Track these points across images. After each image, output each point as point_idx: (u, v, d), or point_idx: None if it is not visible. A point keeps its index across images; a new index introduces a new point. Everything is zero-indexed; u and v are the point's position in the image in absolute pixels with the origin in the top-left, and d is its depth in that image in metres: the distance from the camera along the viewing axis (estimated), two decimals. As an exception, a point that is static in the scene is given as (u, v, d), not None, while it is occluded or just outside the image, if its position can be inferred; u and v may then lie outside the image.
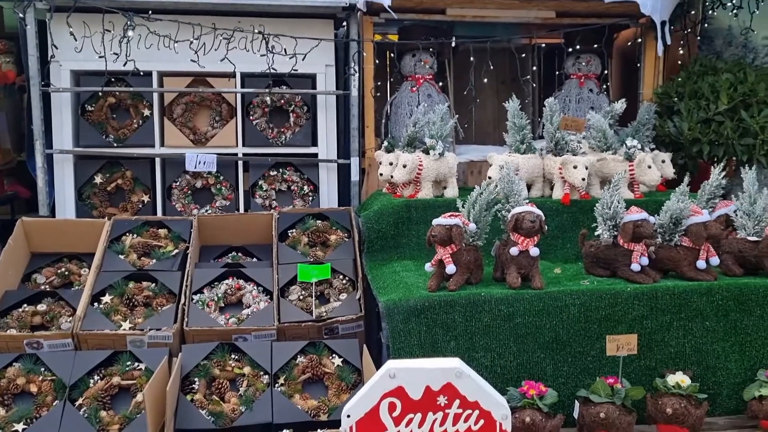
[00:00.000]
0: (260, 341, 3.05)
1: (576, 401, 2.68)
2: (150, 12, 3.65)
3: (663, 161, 3.77)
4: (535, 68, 4.33)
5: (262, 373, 2.90)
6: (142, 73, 3.80)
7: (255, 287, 3.34)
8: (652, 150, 3.89)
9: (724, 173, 3.23)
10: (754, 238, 3.02)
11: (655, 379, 2.73)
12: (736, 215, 3.14)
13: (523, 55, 4.24)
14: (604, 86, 4.39)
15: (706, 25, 5.39)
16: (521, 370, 2.79)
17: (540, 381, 2.67)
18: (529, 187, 3.65)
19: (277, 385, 2.85)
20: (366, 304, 3.19)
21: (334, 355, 2.98)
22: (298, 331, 3.11)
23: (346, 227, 3.67)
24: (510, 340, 2.78)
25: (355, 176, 4.00)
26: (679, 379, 2.67)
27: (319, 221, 3.72)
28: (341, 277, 3.40)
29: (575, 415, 2.67)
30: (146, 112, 4.01)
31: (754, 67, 3.98)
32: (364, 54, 3.91)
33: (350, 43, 3.94)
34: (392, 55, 4.20)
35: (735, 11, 4.48)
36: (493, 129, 4.61)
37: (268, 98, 3.93)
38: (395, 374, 2.06)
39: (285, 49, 3.73)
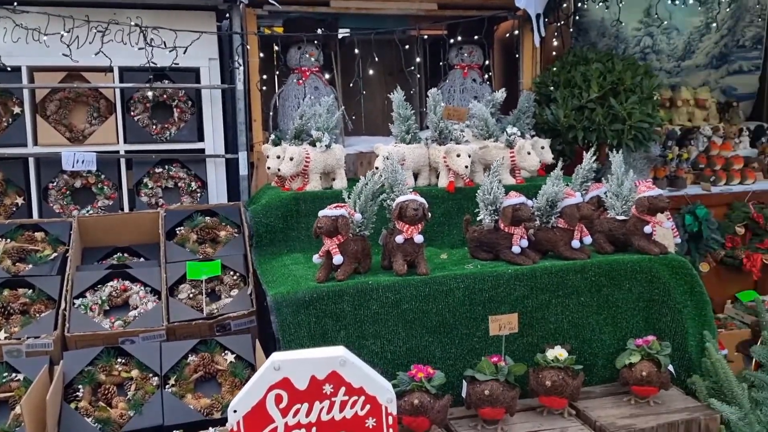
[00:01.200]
0: (149, 343, 2.98)
1: (464, 381, 2.78)
2: (15, 3, 3.46)
3: (542, 147, 3.95)
4: (419, 60, 4.41)
5: (151, 375, 2.83)
6: (9, 69, 3.60)
7: (142, 288, 3.25)
8: (532, 137, 4.06)
9: (595, 157, 3.42)
10: (622, 217, 3.23)
11: (536, 354, 2.87)
12: (606, 196, 3.34)
13: (407, 47, 4.31)
14: (487, 76, 4.53)
15: (579, 17, 5.70)
16: (410, 354, 2.86)
17: (429, 364, 2.74)
18: (416, 176, 3.74)
19: (167, 386, 2.80)
20: (258, 298, 3.18)
21: (226, 351, 2.96)
22: (189, 329, 3.06)
23: (236, 223, 3.63)
24: (399, 326, 2.85)
25: (243, 171, 3.95)
26: (557, 353, 2.82)
27: (208, 217, 3.66)
28: (232, 273, 3.37)
29: (463, 394, 2.77)
30: (16, 110, 3.79)
31: (623, 57, 4.22)
32: (248, 47, 3.87)
33: (233, 35, 3.88)
34: (277, 48, 4.17)
35: (604, 3, 4.74)
36: (382, 120, 4.65)
37: (149, 93, 3.81)
38: (280, 366, 2.07)
39: (165, 42, 3.63)
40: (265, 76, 4.09)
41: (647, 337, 2.95)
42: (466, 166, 3.50)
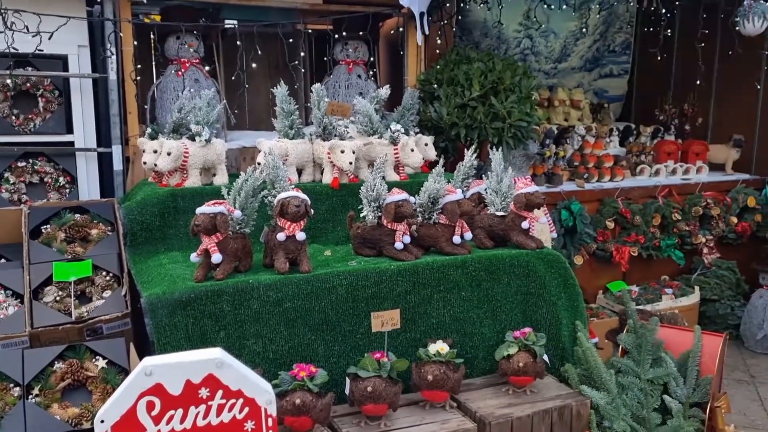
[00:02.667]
0: (9, 350, 2.76)
1: (347, 378, 2.77)
2: None
3: (426, 144, 4.01)
4: (303, 54, 4.35)
5: (12, 385, 2.63)
6: None
7: (2, 291, 3.01)
8: (416, 134, 4.11)
9: (476, 155, 3.50)
10: (501, 213, 3.32)
11: (419, 349, 2.90)
12: (486, 193, 3.42)
13: (291, 40, 4.24)
14: (372, 72, 4.54)
15: (463, 17, 5.83)
16: (293, 353, 2.81)
17: (312, 362, 2.71)
18: (300, 172, 3.68)
19: (30, 396, 2.60)
20: (134, 300, 3.02)
21: (97, 357, 2.79)
22: (56, 335, 2.86)
23: (110, 220, 3.44)
24: (281, 325, 2.79)
25: (117, 165, 3.75)
26: (439, 347, 2.86)
27: (78, 215, 3.44)
28: (104, 273, 3.18)
29: (347, 391, 2.76)
30: None
31: (503, 57, 4.34)
32: (121, 35, 3.66)
33: (105, 22, 3.66)
34: (153, 37, 3.98)
35: (486, 4, 4.86)
36: (268, 115, 4.57)
37: (9, 81, 3.53)
38: (152, 371, 1.97)
39: (27, 27, 3.37)
40: (140, 66, 3.88)
41: (524, 329, 3.06)
42: (350, 162, 3.48)
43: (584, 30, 6.58)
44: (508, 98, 4.09)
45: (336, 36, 4.37)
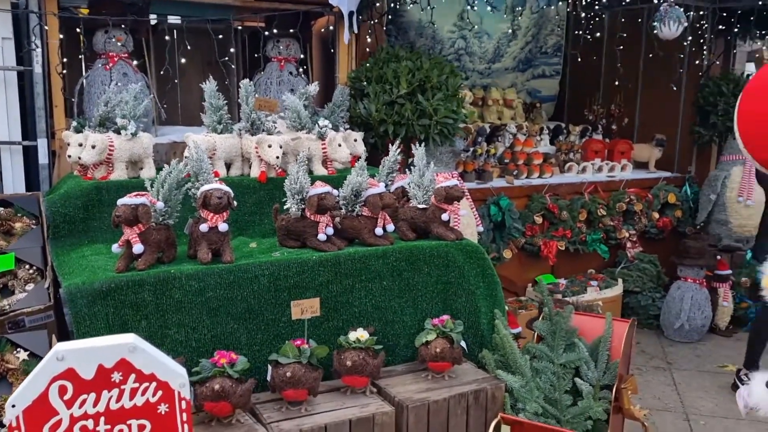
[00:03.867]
0: (-74, 343, 2.75)
1: (269, 365, 2.84)
2: None
3: (355, 140, 4.10)
4: (233, 50, 4.39)
5: (-74, 380, 2.62)
6: None
7: None
8: (346, 129, 4.20)
9: (399, 150, 3.62)
10: (423, 206, 3.44)
11: (339, 337, 3.00)
12: (410, 187, 3.54)
13: (222, 36, 4.27)
14: (303, 69, 4.61)
15: (399, 17, 5.96)
16: (216, 342, 2.87)
17: (235, 351, 2.77)
18: (229, 166, 3.73)
19: (-53, 390, 2.60)
20: (57, 292, 3.02)
21: (19, 349, 2.79)
22: (-25, 328, 2.85)
23: (34, 214, 3.42)
24: (203, 314, 2.85)
25: (43, 159, 3.73)
26: (359, 334, 2.96)
27: (2, 208, 3.41)
28: (28, 266, 3.17)
29: (269, 378, 2.83)
30: None
31: (431, 56, 4.47)
32: (46, 28, 3.65)
33: (30, 14, 3.64)
34: (78, 30, 3.97)
35: (417, 4, 4.99)
36: (201, 110, 4.59)
37: (-70, 73, 3.49)
38: (64, 356, 2.00)
39: (-52, 18, 3.34)
40: (68, 60, 3.87)
41: (442, 317, 3.18)
42: (277, 157, 3.55)
43: (516, 32, 6.79)
44: (434, 96, 4.21)
45: (267, 33, 4.42)
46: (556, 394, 3.26)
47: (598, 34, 6.76)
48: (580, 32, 6.88)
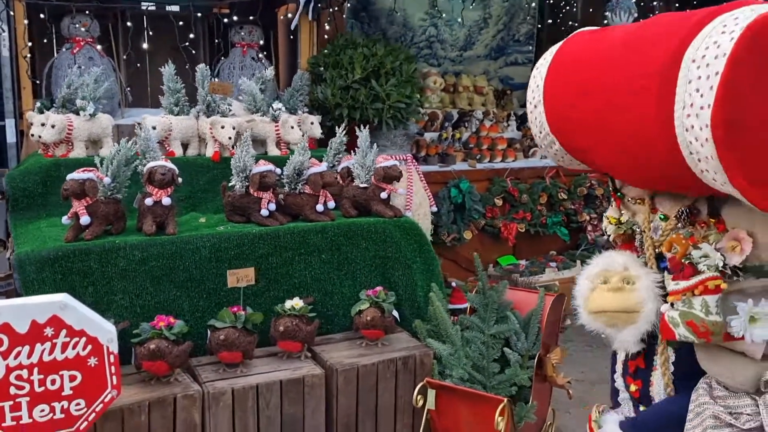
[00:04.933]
0: None
1: (208, 330, 3.07)
2: None
3: (312, 123, 4.31)
4: (192, 36, 4.58)
5: None
6: None
7: None
8: (305, 113, 4.40)
9: (345, 132, 3.83)
10: (364, 185, 3.65)
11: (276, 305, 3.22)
12: (354, 167, 3.74)
13: (181, 23, 4.47)
14: (262, 54, 4.79)
15: (370, 5, 6.13)
16: (159, 308, 3.08)
17: (178, 317, 3.00)
18: (186, 146, 3.94)
19: None
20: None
21: (-22, 314, 3.02)
22: (-61, 293, 3.09)
23: (1, 189, 3.66)
24: (147, 282, 3.07)
25: (11, 138, 3.96)
26: (294, 303, 3.17)
27: (-30, 184, 3.65)
28: (-9, 238, 3.41)
29: (207, 341, 3.06)
30: None
31: (386, 44, 4.66)
32: (12, 13, 3.86)
33: (-2, 1, 3.86)
34: (43, 16, 4.17)
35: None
36: (168, 93, 4.80)
37: None
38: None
39: None
40: (38, 43, 4.08)
41: (376, 289, 3.39)
42: (230, 138, 3.76)
43: (487, 20, 6.96)
44: (388, 81, 4.41)
45: (225, 20, 4.62)
46: (485, 362, 3.47)
47: (570, 23, 6.92)
48: (552, 21, 7.07)
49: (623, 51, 1.96)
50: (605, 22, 5.32)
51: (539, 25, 7.31)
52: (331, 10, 4.72)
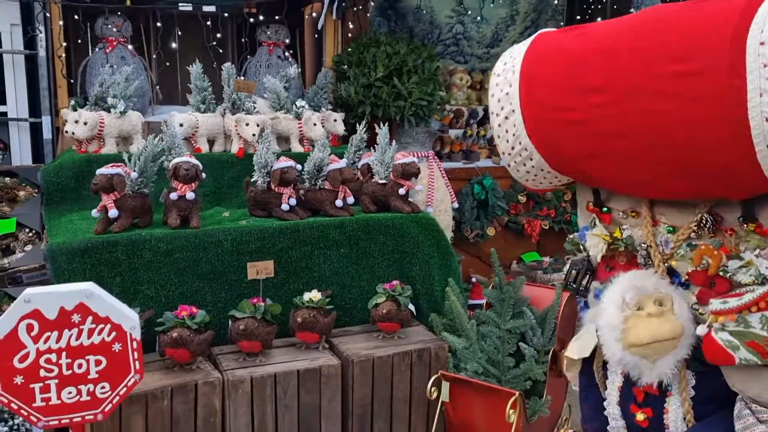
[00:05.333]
0: (-66, 293, 3.16)
1: (229, 320, 3.19)
2: None
3: (335, 120, 4.40)
4: (220, 35, 4.71)
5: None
6: None
7: (-68, 243, 3.40)
8: (328, 110, 4.50)
9: (366, 129, 3.91)
10: (383, 181, 3.73)
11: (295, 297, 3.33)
12: (373, 163, 3.83)
13: (208, 22, 4.59)
14: (288, 53, 4.90)
15: (397, 3, 6.20)
16: (183, 298, 3.21)
17: (201, 307, 3.12)
18: (212, 142, 4.07)
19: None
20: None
21: (15, 302, 3.19)
22: (-21, 282, 3.26)
23: (37, 183, 3.83)
24: (171, 273, 3.20)
25: (47, 134, 4.13)
26: (312, 295, 3.27)
27: (8, 178, 3.83)
28: (27, 230, 3.59)
29: (228, 331, 3.18)
30: None
31: (409, 42, 4.72)
32: (48, 15, 4.03)
33: (34, 3, 4.02)
34: (77, 17, 4.34)
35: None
36: (199, 92, 4.94)
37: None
38: (30, 299, 2.37)
39: (-40, 7, 3.74)
40: (74, 43, 4.24)
41: (392, 282, 3.47)
42: (254, 134, 3.87)
43: (514, 17, 6.97)
44: (410, 79, 4.48)
45: (250, 20, 4.74)
46: (499, 357, 3.53)
47: (599, 19, 6.89)
48: (581, 18, 7.04)
49: (640, 44, 1.78)
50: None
51: (567, 23, 7.29)
52: (355, 9, 4.80)
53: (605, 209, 2.15)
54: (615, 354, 1.98)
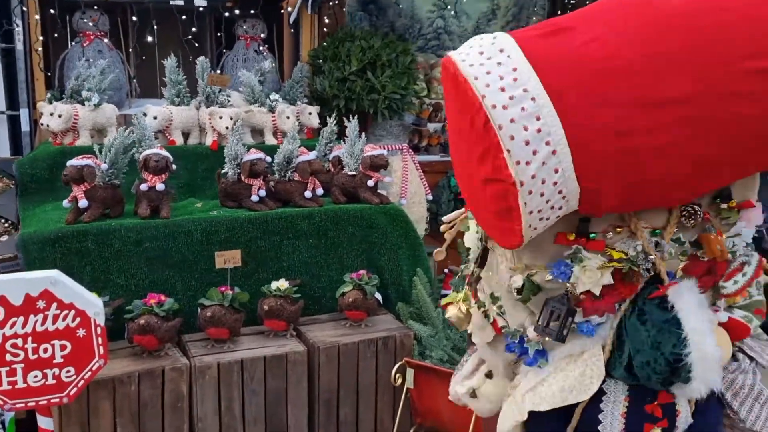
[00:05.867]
0: None
1: (199, 308, 3.26)
2: None
3: (310, 113, 4.47)
4: (195, 29, 4.78)
5: None
6: None
7: None
8: (304, 104, 4.57)
9: (336, 122, 3.99)
10: (353, 173, 3.80)
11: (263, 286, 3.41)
12: (343, 156, 3.90)
13: (183, 16, 4.66)
14: (264, 47, 4.96)
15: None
16: (153, 287, 3.28)
17: (171, 296, 3.20)
18: (187, 135, 4.14)
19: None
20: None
21: (-11, 290, 3.26)
22: (-47, 271, 3.33)
23: (14, 175, 3.89)
24: (141, 263, 3.27)
25: (25, 127, 4.20)
26: (280, 284, 3.35)
27: (-14, 170, 3.89)
28: (3, 220, 3.65)
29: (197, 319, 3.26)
30: None
31: (383, 36, 4.79)
32: (24, 9, 4.09)
33: (11, -3, 4.09)
34: (52, 11, 4.40)
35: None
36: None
37: None
38: (-4, 286, 2.45)
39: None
40: (42, 38, 4.30)
41: (359, 272, 3.55)
42: (227, 127, 3.95)
43: (496, 12, 7.04)
44: (383, 73, 4.55)
45: (229, 14, 4.80)
46: (465, 344, 3.62)
47: (581, 14, 6.95)
48: (561, 13, 7.10)
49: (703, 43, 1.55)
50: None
51: (550, 17, 7.35)
52: (331, 3, 4.86)
53: (592, 235, 1.79)
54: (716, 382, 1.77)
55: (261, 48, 4.89)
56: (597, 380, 1.83)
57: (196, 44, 4.87)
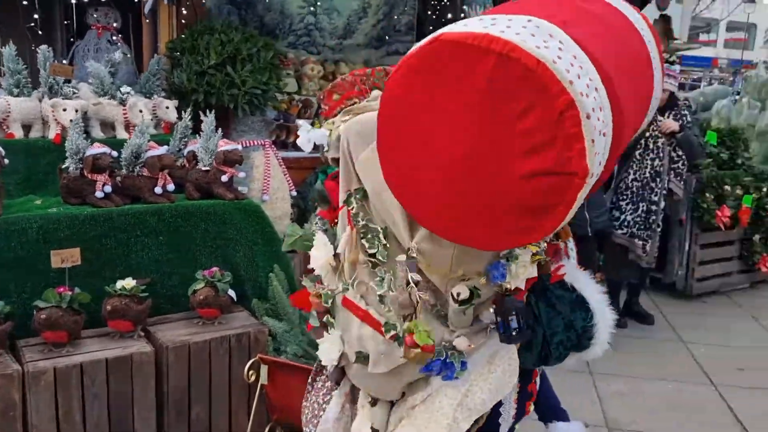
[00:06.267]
0: None
1: (35, 311, 3.08)
2: None
3: (167, 107, 4.33)
4: (36, 16, 4.52)
5: None
6: None
7: None
8: (162, 97, 4.42)
9: (190, 117, 3.89)
10: (207, 168, 3.72)
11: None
12: (198, 151, 3.81)
13: (25, 2, 4.40)
14: (117, 37, 4.77)
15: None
16: (-17, 288, 3.08)
17: (3, 298, 3.00)
18: (29, 128, 3.90)
19: None
20: None
21: None
22: None
23: None
24: (-31, 262, 3.06)
25: None
26: (125, 283, 3.22)
27: None
28: None
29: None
30: None
31: (244, 30, 4.71)
32: None
33: None
34: None
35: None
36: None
37: None
38: None
39: None
40: None
41: (212, 269, 3.48)
42: (71, 120, 3.74)
43: (366, 9, 7.11)
44: (243, 68, 4.48)
45: (84, 0, 4.58)
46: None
47: (450, 15, 7.16)
48: (431, 13, 7.29)
49: None
50: (462, 15, 5.55)
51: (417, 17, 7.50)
52: (187, -4, 4.74)
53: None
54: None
55: (114, 38, 4.69)
56: (516, 373, 1.86)
57: (40, 32, 4.60)
